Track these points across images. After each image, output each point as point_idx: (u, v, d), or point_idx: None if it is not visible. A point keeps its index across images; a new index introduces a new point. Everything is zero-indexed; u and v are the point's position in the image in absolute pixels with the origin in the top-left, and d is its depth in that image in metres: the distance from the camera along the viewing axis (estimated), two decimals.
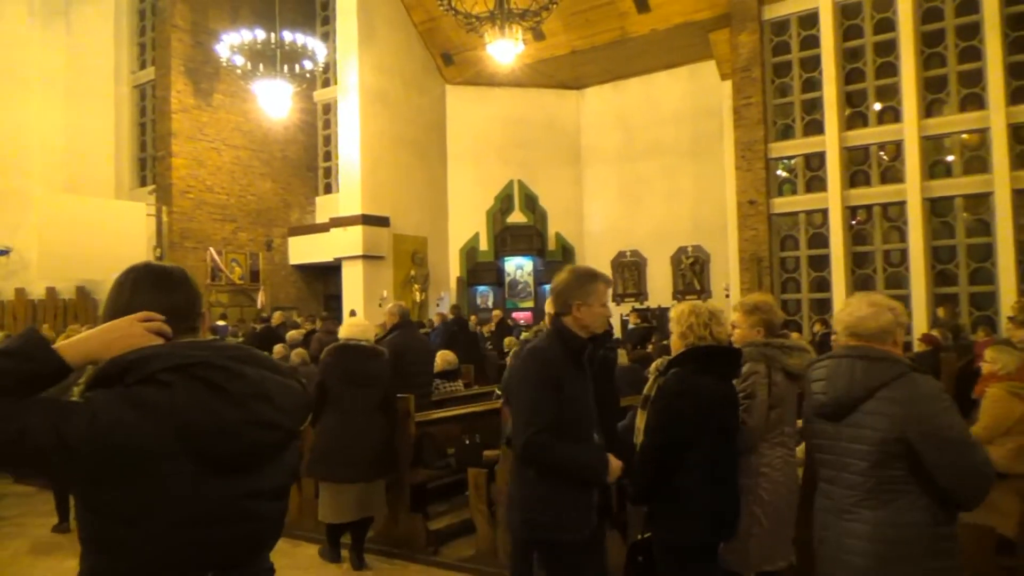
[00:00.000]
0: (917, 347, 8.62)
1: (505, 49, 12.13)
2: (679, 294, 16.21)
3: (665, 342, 7.17)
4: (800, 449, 3.63)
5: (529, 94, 17.85)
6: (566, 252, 17.93)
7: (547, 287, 16.64)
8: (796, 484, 3.36)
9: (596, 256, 17.68)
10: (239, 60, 13.86)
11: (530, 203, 17.98)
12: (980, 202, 12.01)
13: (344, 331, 5.22)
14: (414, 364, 6.11)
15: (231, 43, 13.84)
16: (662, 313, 14.83)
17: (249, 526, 1.45)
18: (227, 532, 1.42)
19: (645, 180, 17.10)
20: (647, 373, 4.68)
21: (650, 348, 9.93)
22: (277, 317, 12.62)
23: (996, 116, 11.62)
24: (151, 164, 16.83)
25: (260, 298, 16.06)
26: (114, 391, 1.33)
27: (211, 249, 15.74)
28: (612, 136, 17.76)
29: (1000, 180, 11.59)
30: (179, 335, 1.47)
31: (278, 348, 8.70)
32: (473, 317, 13.25)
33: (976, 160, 12.05)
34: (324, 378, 4.93)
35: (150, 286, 1.51)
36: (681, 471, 2.95)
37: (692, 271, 16.41)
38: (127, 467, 1.30)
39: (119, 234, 14.08)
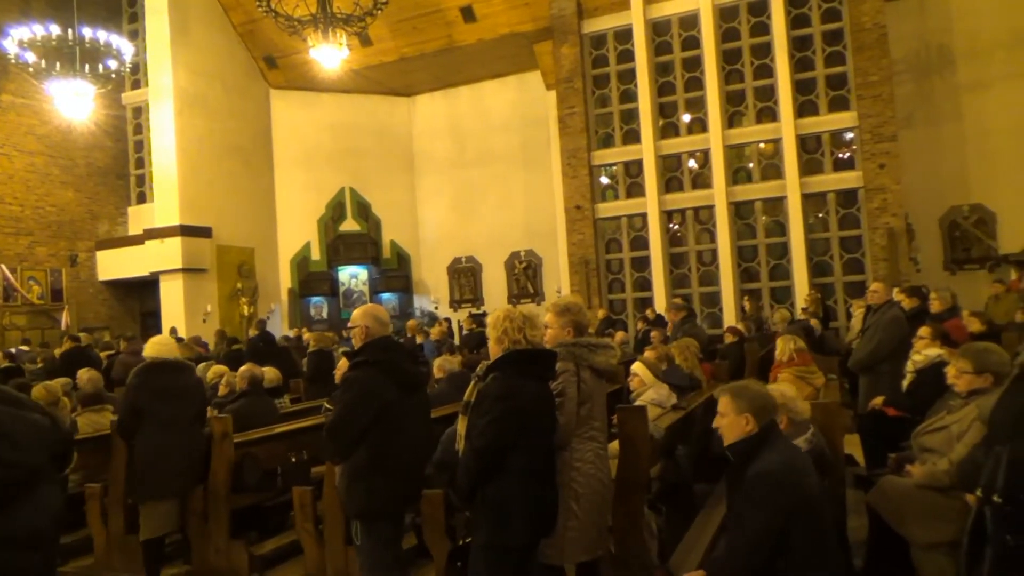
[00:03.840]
0: (727, 339, 9.32)
1: (330, 54, 11.84)
2: (514, 298, 16.57)
3: None
4: (613, 445, 3.80)
5: (359, 100, 17.57)
6: (401, 260, 17.80)
7: (383, 296, 16.39)
8: (609, 477, 3.52)
9: (432, 263, 17.72)
10: (30, 57, 12.55)
11: (363, 211, 17.68)
12: (776, 205, 13.24)
13: (150, 350, 5.01)
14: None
15: (20, 38, 12.50)
16: None
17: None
18: None
19: (478, 187, 17.34)
20: (471, 377, 4.75)
21: (484, 352, 10.04)
22: (85, 338, 11.54)
23: (787, 128, 12.87)
24: None
25: (64, 318, 14.64)
26: None
27: (2, 266, 14.14)
28: (444, 143, 17.85)
29: (791, 185, 12.85)
30: None
31: (82, 372, 7.94)
32: (414, 323, 12.66)
33: (771, 167, 13.27)
34: (135, 399, 4.80)
35: None
36: (502, 473, 3.00)
37: (526, 275, 16.85)
38: None
39: None
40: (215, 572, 4.97)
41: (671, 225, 13.97)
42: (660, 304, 12.91)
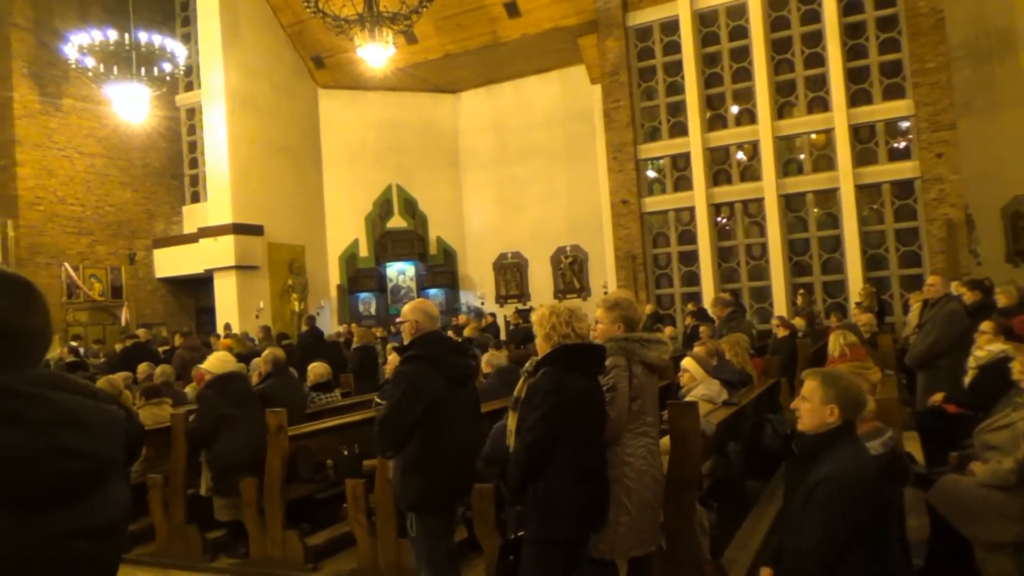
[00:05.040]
0: (778, 332, 9.15)
1: (376, 53, 11.97)
2: (560, 293, 16.55)
3: None
4: (664, 440, 3.78)
5: (404, 98, 17.72)
6: (448, 256, 17.92)
7: (430, 291, 16.54)
8: (661, 472, 3.50)
9: (478, 259, 17.80)
10: (89, 62, 12.97)
11: (409, 207, 17.84)
12: (828, 197, 12.95)
13: (216, 367, 5.47)
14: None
15: (80, 43, 12.93)
16: None
17: (76, 571, 1.35)
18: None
19: (522, 182, 17.35)
20: (521, 373, 4.77)
21: (531, 347, 10.05)
22: (142, 334, 11.91)
23: (839, 117, 12.58)
24: None
25: (124, 315, 15.11)
26: None
27: (66, 264, 14.66)
28: (489, 139, 17.90)
29: (844, 176, 12.56)
30: (26, 363, 1.35)
31: (142, 367, 8.22)
32: (464, 317, 12.81)
33: (823, 158, 12.99)
34: (213, 407, 5.28)
35: (15, 300, 1.35)
36: (552, 468, 3.01)
37: (571, 270, 16.80)
38: None
39: None
40: (271, 562, 5.09)
41: (719, 219, 13.78)
42: (709, 299, 12.75)
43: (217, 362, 5.57)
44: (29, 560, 1.26)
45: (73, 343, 11.99)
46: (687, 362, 4.83)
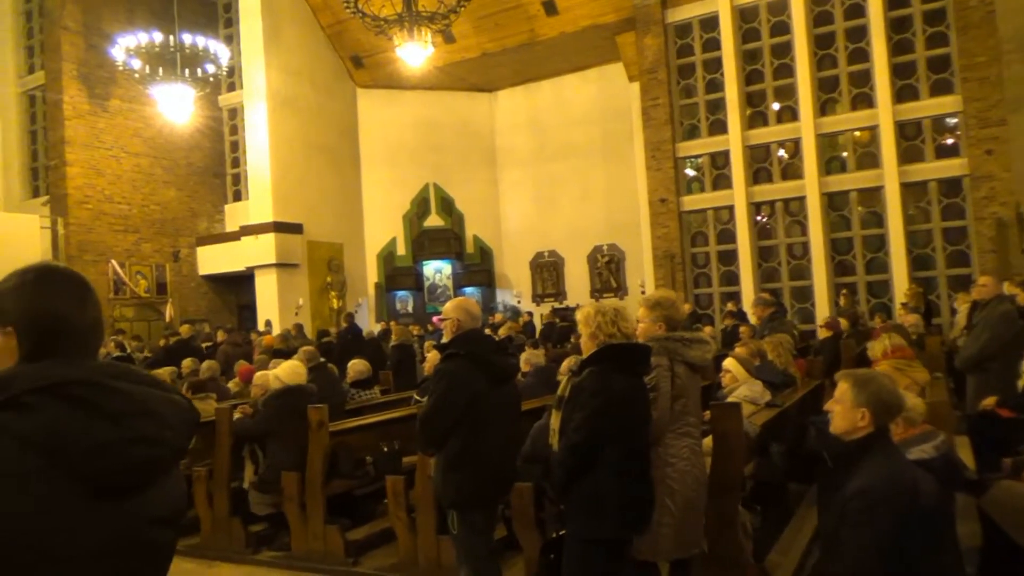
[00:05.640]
0: (821, 334, 9.01)
1: (415, 52, 12.05)
2: (596, 292, 16.47)
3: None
4: (707, 441, 3.74)
5: (442, 97, 17.80)
6: (484, 254, 17.96)
7: (466, 290, 16.59)
8: (704, 473, 3.46)
9: (514, 257, 17.81)
10: (136, 63, 13.28)
11: (446, 206, 17.92)
12: (872, 196, 12.69)
13: (287, 377, 5.60)
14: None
15: (127, 46, 13.24)
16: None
17: (148, 554, 1.37)
18: (123, 564, 1.31)
19: (559, 181, 17.31)
20: (559, 375, 4.76)
21: (569, 347, 10.04)
22: (186, 330, 12.16)
23: (884, 114, 12.30)
24: (44, 174, 15.95)
25: (168, 311, 15.44)
26: None
27: (113, 261, 15.02)
28: (525, 138, 17.89)
29: (889, 174, 12.29)
30: (83, 356, 1.39)
31: (187, 362, 8.39)
32: (500, 316, 12.94)
33: (867, 156, 12.72)
34: (273, 417, 5.42)
35: (71, 295, 1.40)
36: (597, 468, 3.00)
37: (608, 269, 16.71)
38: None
39: (11, 248, 13.22)
40: (313, 556, 5.16)
41: (759, 217, 13.59)
42: (748, 299, 12.59)
43: (290, 373, 5.65)
44: (118, 546, 1.30)
45: (117, 337, 12.27)
46: (729, 363, 4.77)
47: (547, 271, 17.47)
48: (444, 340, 3.82)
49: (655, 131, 13.99)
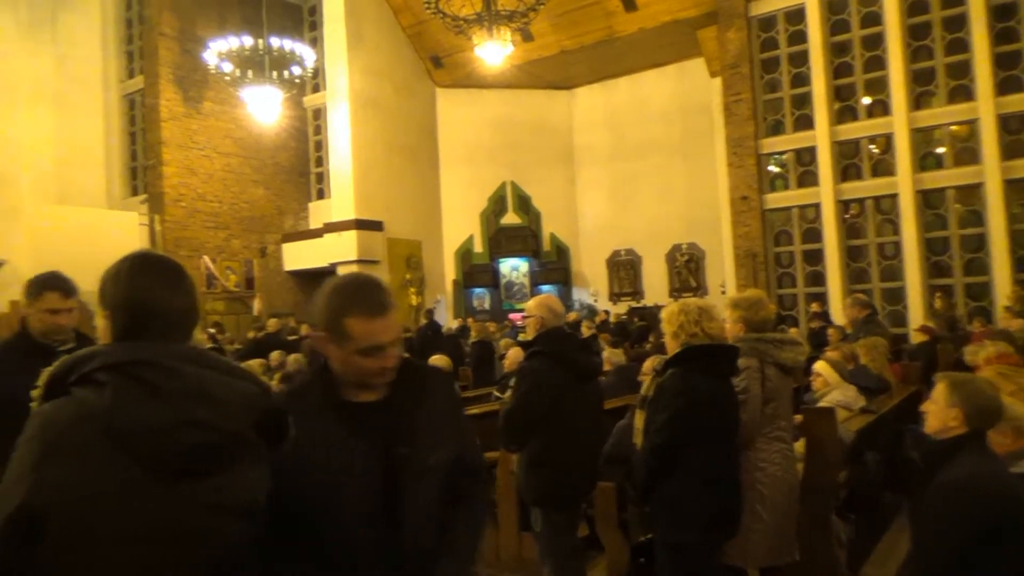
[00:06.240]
0: (915, 338, 8.63)
1: (494, 51, 12.13)
2: (675, 292, 16.22)
3: (663, 340, 7.16)
4: (800, 444, 3.63)
5: (519, 95, 17.85)
6: (561, 252, 17.93)
7: (543, 288, 16.54)
8: (796, 479, 3.36)
9: (591, 255, 17.72)
10: (228, 67, 13.81)
11: (523, 204, 17.98)
12: (971, 193, 12.05)
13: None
14: None
15: (219, 50, 13.79)
16: (658, 311, 14.83)
17: (204, 541, 1.36)
18: (176, 548, 1.33)
19: (637, 178, 17.12)
20: (641, 375, 4.70)
21: (648, 346, 9.92)
22: (273, 324, 12.57)
23: (985, 107, 11.66)
24: (142, 173, 16.75)
25: (256, 305, 16.00)
26: (54, 403, 1.32)
27: (205, 257, 15.67)
28: (603, 135, 17.77)
29: (991, 171, 11.64)
30: (174, 340, 1.44)
31: (275, 355, 8.68)
32: (575, 315, 13.00)
33: (966, 151, 12.09)
34: None
35: (163, 281, 1.46)
36: (681, 470, 2.96)
37: (687, 268, 16.43)
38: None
39: (112, 244, 13.97)
40: None
41: (847, 216, 13.10)
42: (835, 300, 12.17)
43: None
44: (170, 529, 1.32)
45: (211, 330, 12.79)
46: (821, 366, 4.61)
47: (624, 270, 17.31)
48: (528, 337, 3.82)
49: (737, 127, 13.66)
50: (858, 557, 3.93)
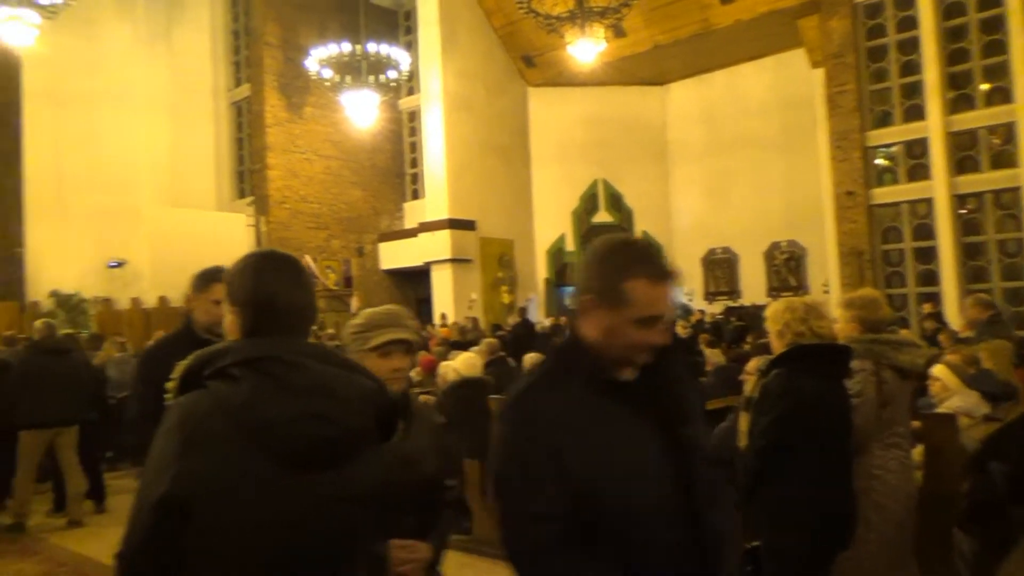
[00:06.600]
0: None
1: (586, 48, 12.08)
2: (774, 291, 15.69)
3: (763, 340, 6.95)
4: (917, 451, 3.44)
5: (611, 92, 17.69)
6: None
7: None
8: (914, 488, 3.19)
9: (685, 254, 17.37)
10: (327, 73, 14.32)
11: (615, 202, 17.82)
12: None
13: (465, 369, 5.82)
14: None
15: (319, 57, 14.32)
16: (756, 311, 14.40)
17: (335, 531, 1.43)
18: (308, 537, 1.39)
19: (734, 174, 16.67)
20: (744, 374, 4.56)
21: (746, 346, 9.64)
22: None
23: None
24: (248, 177, 17.57)
25: (354, 303, 16.49)
26: (191, 395, 1.39)
27: (307, 256, 16.28)
28: (697, 131, 17.40)
29: None
30: (296, 335, 1.50)
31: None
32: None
33: None
34: (451, 408, 5.60)
35: (287, 278, 1.53)
36: (787, 474, 2.85)
37: (787, 267, 15.87)
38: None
39: (222, 244, 14.71)
40: (494, 541, 5.26)
41: (962, 211, 12.33)
42: (950, 301, 11.48)
43: (466, 365, 5.87)
44: (302, 519, 1.38)
45: (313, 328, 13.26)
46: (939, 370, 4.36)
47: (720, 268, 16.89)
48: None
49: (841, 119, 13.08)
50: (981, 573, 3.69)
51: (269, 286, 1.50)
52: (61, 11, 11.18)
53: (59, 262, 15.19)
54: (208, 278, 3.06)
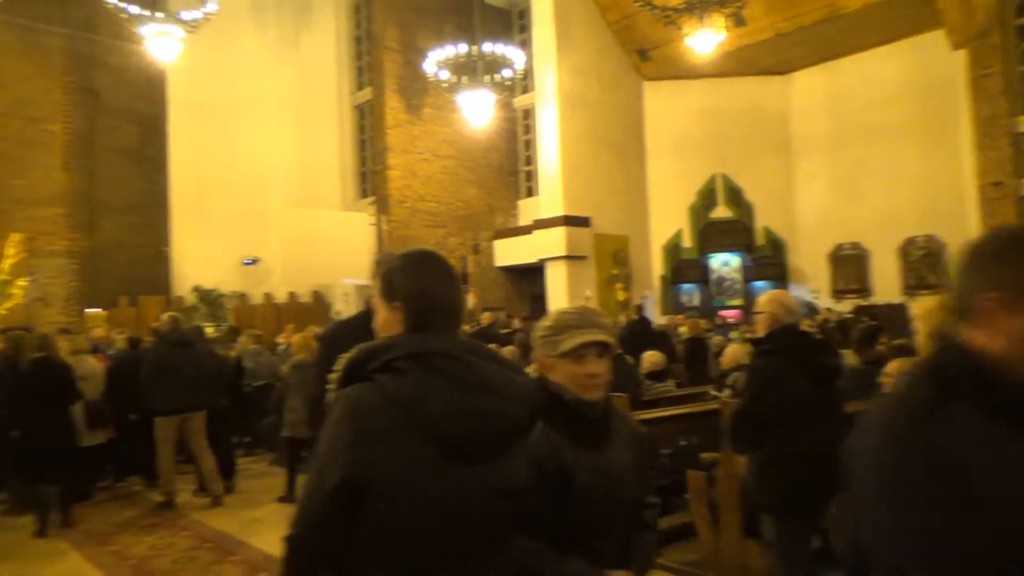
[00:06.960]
0: None
1: (705, 39, 11.77)
2: (910, 289, 14.75)
3: (898, 342, 6.58)
4: None
5: (730, 83, 17.15)
6: (776, 246, 17.00)
7: (756, 284, 15.81)
8: None
9: (810, 250, 16.64)
10: (444, 74, 14.65)
11: (734, 197, 17.27)
12: None
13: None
14: None
15: (436, 59, 14.67)
16: (891, 311, 13.58)
17: (489, 522, 1.47)
18: (469, 527, 1.44)
19: (863, 166, 15.78)
20: (884, 376, 4.31)
21: (880, 347, 9.11)
22: (486, 317, 13.16)
23: None
24: (370, 177, 18.24)
25: (471, 299, 16.82)
26: (357, 387, 1.45)
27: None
28: (823, 121, 16.58)
29: None
30: (450, 332, 1.55)
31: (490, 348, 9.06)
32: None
33: None
34: None
35: (442, 276, 1.60)
36: None
37: (924, 263, 14.86)
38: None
39: (347, 243, 15.42)
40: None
41: None
42: None
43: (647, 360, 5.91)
44: (463, 510, 1.43)
45: None
46: None
47: (849, 265, 16.04)
48: (758, 335, 3.67)
49: (987, 104, 12.14)
50: None
51: (429, 284, 1.56)
52: (202, 25, 11.94)
53: (200, 260, 16.40)
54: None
